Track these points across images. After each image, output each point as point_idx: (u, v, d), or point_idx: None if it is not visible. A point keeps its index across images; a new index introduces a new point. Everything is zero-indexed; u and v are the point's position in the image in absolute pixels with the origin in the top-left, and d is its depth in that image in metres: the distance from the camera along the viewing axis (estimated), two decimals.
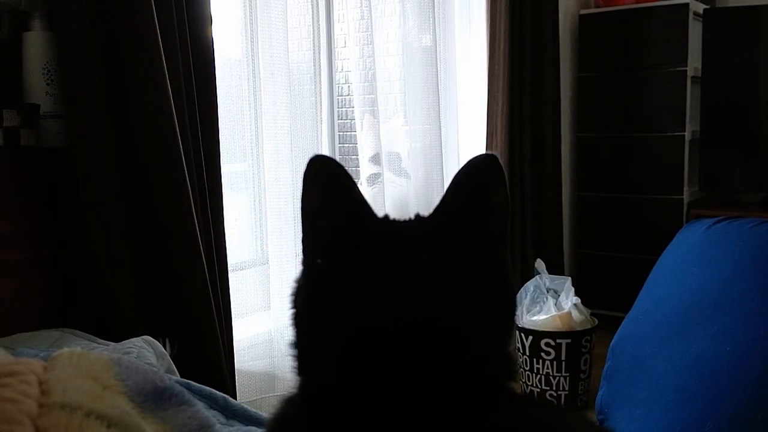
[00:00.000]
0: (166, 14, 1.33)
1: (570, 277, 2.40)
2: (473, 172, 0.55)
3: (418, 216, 0.58)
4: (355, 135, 2.13)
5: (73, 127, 1.27)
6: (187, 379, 1.00)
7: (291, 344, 0.57)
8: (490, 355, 0.54)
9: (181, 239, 1.34)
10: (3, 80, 1.27)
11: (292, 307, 0.57)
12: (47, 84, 1.28)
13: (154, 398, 0.58)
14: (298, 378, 0.55)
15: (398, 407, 0.49)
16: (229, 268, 1.54)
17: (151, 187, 1.33)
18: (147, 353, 1.02)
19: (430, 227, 0.57)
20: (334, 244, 0.55)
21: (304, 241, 0.57)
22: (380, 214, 0.58)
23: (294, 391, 0.55)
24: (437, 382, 0.50)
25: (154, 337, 1.11)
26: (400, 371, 0.50)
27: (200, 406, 0.64)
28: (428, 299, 0.52)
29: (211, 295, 1.39)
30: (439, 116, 2.30)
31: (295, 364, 0.56)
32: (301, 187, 0.57)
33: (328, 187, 0.55)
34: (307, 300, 0.56)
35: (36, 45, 1.27)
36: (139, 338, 1.08)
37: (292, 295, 0.58)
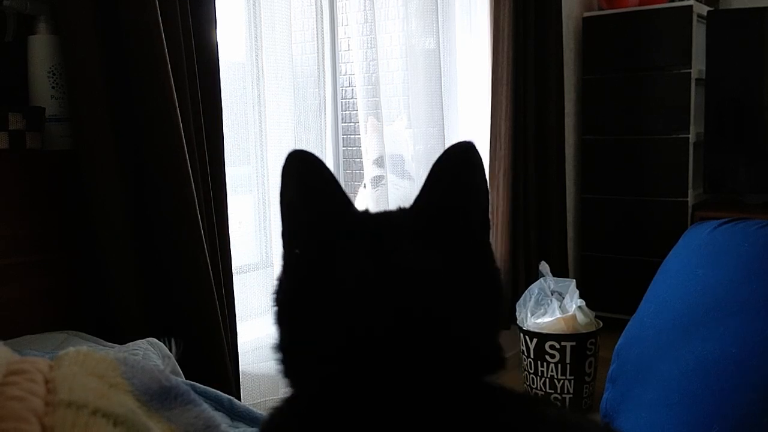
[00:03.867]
0: (171, 18, 1.34)
1: (574, 280, 2.40)
2: (451, 160, 0.55)
3: (399, 208, 0.58)
4: (359, 138, 2.13)
5: (78, 130, 1.28)
6: (192, 381, 1.00)
7: (274, 347, 0.55)
8: (477, 342, 0.53)
9: (185, 241, 1.34)
10: (8, 83, 1.28)
11: (275, 305, 0.56)
12: (52, 87, 1.28)
13: (159, 397, 0.58)
14: (285, 380, 0.54)
15: (388, 399, 0.48)
16: (233, 271, 1.54)
17: (156, 189, 1.33)
18: (152, 355, 1.02)
19: (410, 216, 0.56)
20: (314, 236, 0.55)
21: (283, 235, 0.57)
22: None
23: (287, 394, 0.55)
24: (428, 373, 0.49)
25: (158, 339, 1.12)
26: (388, 362, 0.49)
27: (206, 406, 0.64)
28: (412, 287, 0.51)
29: (216, 298, 1.39)
30: (443, 119, 2.30)
31: (281, 367, 0.54)
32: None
33: (307, 181, 0.55)
34: (289, 293, 0.55)
35: (41, 48, 1.28)
36: (143, 340, 1.08)
37: (274, 292, 0.56)
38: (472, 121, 2.62)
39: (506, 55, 2.52)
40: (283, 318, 0.55)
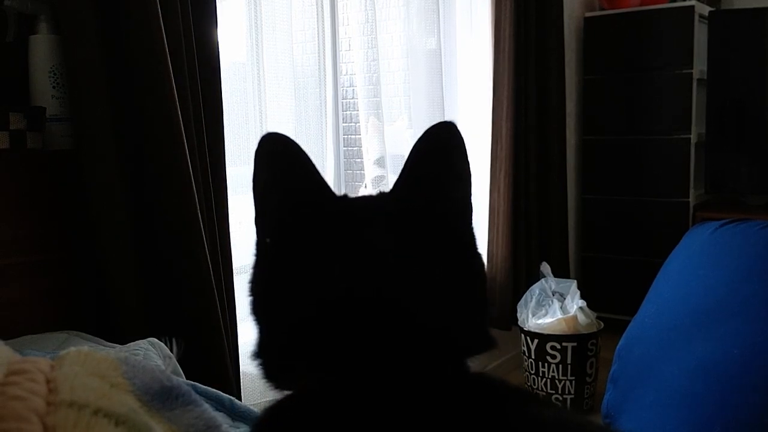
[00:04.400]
0: (173, 18, 1.34)
1: (575, 280, 2.40)
2: (432, 141, 0.53)
3: (380, 192, 0.57)
4: (360, 138, 2.13)
5: (79, 130, 1.28)
6: (193, 381, 1.00)
7: (252, 354, 0.54)
8: (459, 324, 0.52)
9: (186, 242, 1.34)
10: (9, 83, 1.28)
11: (249, 295, 0.54)
12: (53, 87, 1.28)
13: (161, 397, 0.58)
14: (268, 383, 0.53)
15: (375, 393, 0.47)
16: (234, 271, 1.54)
17: (157, 189, 1.33)
18: (153, 355, 1.02)
19: (389, 201, 0.55)
20: (286, 221, 0.53)
21: (256, 221, 0.55)
22: None
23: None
24: (411, 362, 0.48)
25: (159, 339, 1.11)
26: (370, 354, 0.48)
27: (207, 406, 0.64)
28: (387, 274, 0.50)
29: (217, 298, 1.39)
30: (444, 119, 2.30)
31: (262, 371, 0.53)
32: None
33: (279, 164, 0.53)
34: (262, 283, 0.54)
35: (42, 48, 1.28)
36: (144, 340, 1.08)
37: (248, 282, 0.55)
38: (473, 121, 2.62)
39: (507, 56, 2.52)
40: (258, 309, 0.54)
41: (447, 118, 2.31)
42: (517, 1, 2.54)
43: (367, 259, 0.50)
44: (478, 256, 0.56)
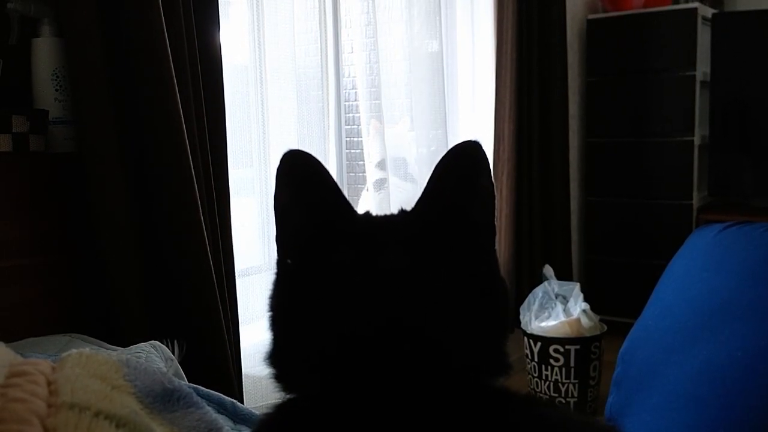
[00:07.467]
0: (175, 20, 1.34)
1: (578, 283, 2.39)
2: (456, 161, 0.53)
3: (401, 210, 0.57)
4: (362, 140, 2.13)
5: (81, 132, 1.28)
6: (195, 384, 1.00)
7: (266, 355, 0.54)
8: (474, 347, 0.52)
9: (188, 244, 1.34)
10: (12, 86, 1.28)
11: (269, 310, 0.55)
12: (56, 90, 1.28)
13: (162, 400, 0.58)
14: (277, 385, 0.54)
15: (377, 404, 0.47)
16: (236, 274, 1.54)
17: (160, 192, 1.33)
18: (155, 357, 1.02)
19: (410, 221, 0.55)
20: (306, 242, 0.53)
21: (277, 240, 0.55)
22: None
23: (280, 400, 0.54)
24: (417, 377, 0.48)
25: (161, 342, 1.11)
26: (376, 369, 0.48)
27: (209, 409, 0.64)
28: (402, 295, 0.50)
29: (219, 300, 1.39)
30: (446, 121, 2.30)
31: (272, 371, 0.54)
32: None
33: (301, 183, 0.53)
34: (281, 300, 0.54)
35: (45, 51, 1.28)
36: (146, 343, 1.08)
37: (269, 298, 0.56)
38: (476, 123, 2.62)
39: (509, 58, 2.52)
40: (276, 324, 0.55)
41: (449, 121, 2.33)
42: (520, 3, 2.55)
43: (384, 281, 0.50)
44: (500, 280, 0.56)
